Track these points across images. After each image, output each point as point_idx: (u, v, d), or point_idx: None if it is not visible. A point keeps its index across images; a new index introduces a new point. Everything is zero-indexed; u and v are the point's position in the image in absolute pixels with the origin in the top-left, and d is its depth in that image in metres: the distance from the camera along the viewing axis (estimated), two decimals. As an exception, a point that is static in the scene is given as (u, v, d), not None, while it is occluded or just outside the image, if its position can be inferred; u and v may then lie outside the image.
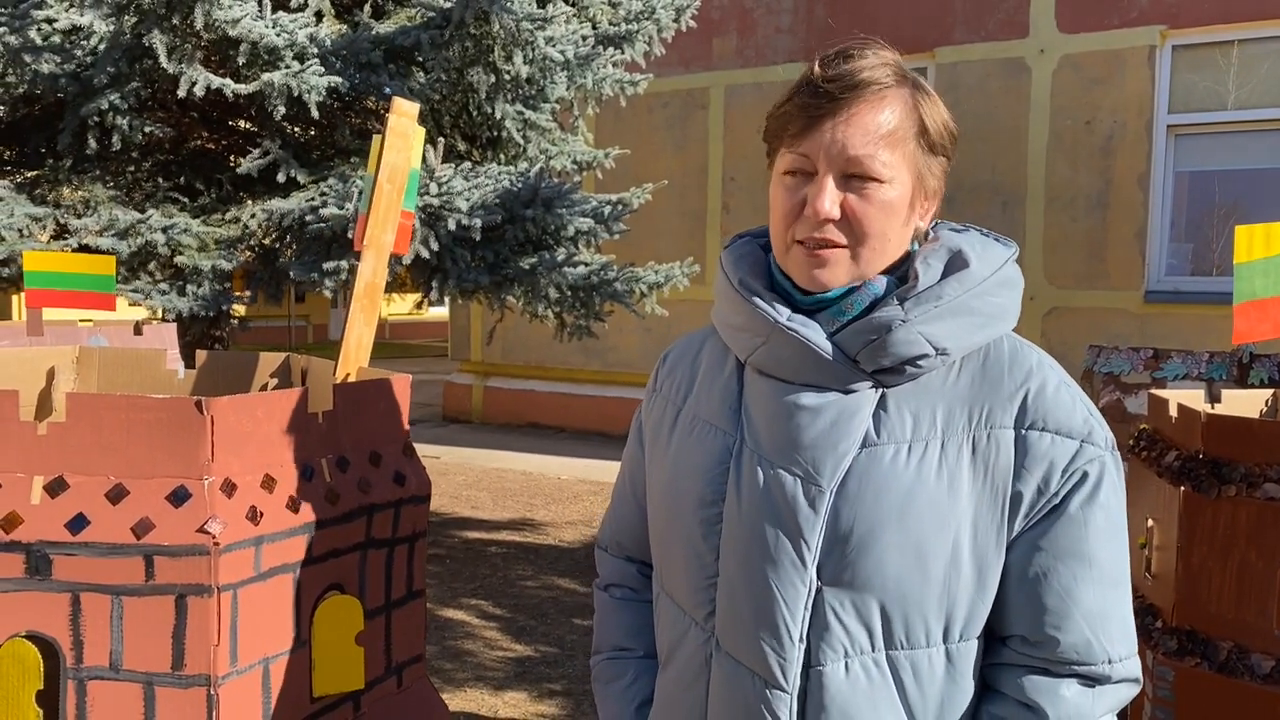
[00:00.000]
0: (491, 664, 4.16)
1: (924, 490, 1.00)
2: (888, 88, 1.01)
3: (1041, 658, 1.02)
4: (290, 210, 4.67)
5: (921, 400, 1.04)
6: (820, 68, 1.03)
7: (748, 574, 1.05)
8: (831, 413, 1.04)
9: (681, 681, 1.14)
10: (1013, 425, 1.02)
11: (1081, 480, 1.01)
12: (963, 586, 1.01)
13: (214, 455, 1.28)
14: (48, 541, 1.24)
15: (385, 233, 1.81)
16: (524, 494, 7.48)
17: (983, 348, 1.06)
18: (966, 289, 1.03)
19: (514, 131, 5.53)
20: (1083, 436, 1.02)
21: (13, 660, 1.24)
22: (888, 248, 1.04)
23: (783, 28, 9.29)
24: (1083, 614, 1.00)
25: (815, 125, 1.01)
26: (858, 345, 1.03)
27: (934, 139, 1.04)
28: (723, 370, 1.15)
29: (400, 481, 1.59)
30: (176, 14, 4.24)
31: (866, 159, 1.00)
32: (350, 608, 1.46)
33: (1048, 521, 1.02)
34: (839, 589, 1.01)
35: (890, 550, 1.00)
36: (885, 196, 1.02)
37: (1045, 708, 1.01)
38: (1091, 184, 7.99)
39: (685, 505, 1.12)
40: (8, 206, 4.37)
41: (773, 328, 1.05)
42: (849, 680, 1.02)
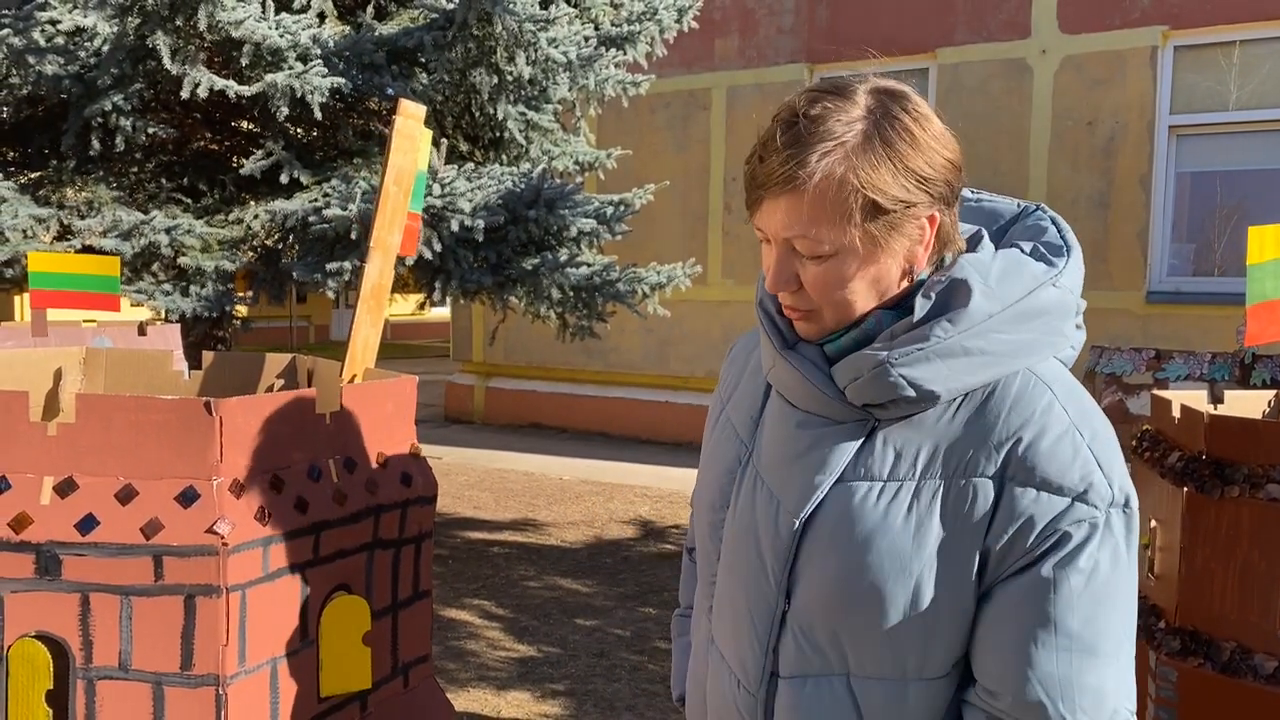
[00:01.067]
0: (494, 664, 4.17)
1: (887, 535, 0.98)
2: (814, 173, 0.95)
3: (1000, 709, 0.99)
4: (293, 211, 4.68)
5: (910, 438, 1.01)
6: (761, 143, 1.00)
7: (731, 582, 1.12)
8: (817, 442, 1.04)
9: (697, 655, 1.23)
10: (997, 475, 0.97)
11: (1061, 541, 0.95)
12: (924, 630, 0.99)
13: (223, 456, 1.29)
14: (57, 542, 1.25)
15: (391, 234, 1.82)
16: (526, 494, 7.48)
17: (990, 385, 1.00)
18: (961, 329, 0.97)
19: (516, 132, 5.54)
20: (1075, 494, 0.95)
21: (22, 660, 1.25)
22: (855, 303, 1.01)
23: (784, 28, 9.29)
24: (1039, 679, 0.95)
25: (758, 204, 1.01)
26: (846, 380, 1.02)
27: (886, 204, 0.96)
28: (757, 379, 1.18)
29: (407, 482, 1.60)
30: (180, 15, 4.25)
31: (799, 240, 0.98)
32: (357, 608, 1.47)
33: (1018, 579, 0.97)
34: (803, 612, 1.04)
35: (848, 586, 1.00)
36: (833, 268, 0.99)
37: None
38: (1093, 185, 8.00)
39: (702, 505, 1.19)
40: (11, 207, 4.38)
41: (775, 353, 1.07)
42: (806, 695, 1.04)
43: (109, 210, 4.57)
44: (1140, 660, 2.28)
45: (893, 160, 0.96)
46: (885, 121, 0.96)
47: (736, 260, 9.46)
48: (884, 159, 0.95)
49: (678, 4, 6.14)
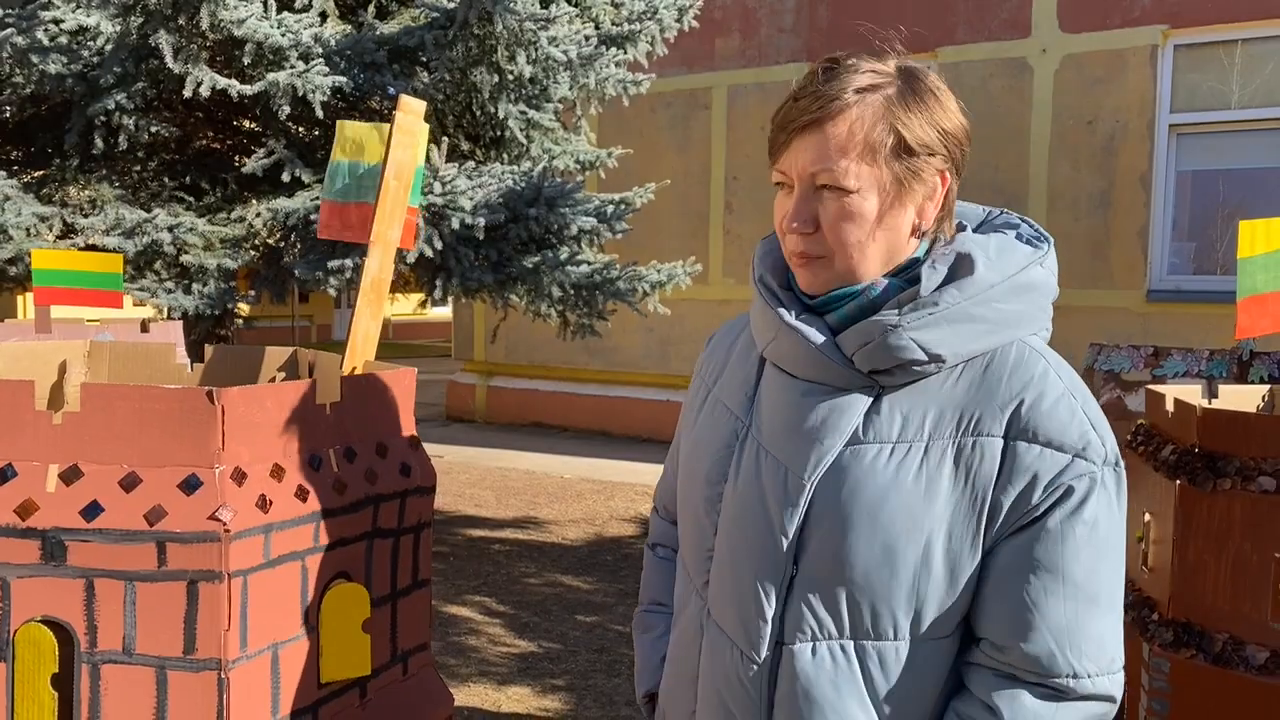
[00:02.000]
0: (495, 659, 4.19)
1: (899, 492, 1.03)
2: (851, 105, 1.02)
3: (1006, 663, 1.04)
4: (295, 209, 4.70)
5: (915, 402, 1.06)
6: (797, 88, 1.07)
7: (733, 553, 1.12)
8: (825, 409, 1.07)
9: (683, 641, 1.22)
10: (1002, 434, 1.03)
11: (1066, 495, 1.01)
12: (933, 587, 1.04)
13: (224, 444, 1.31)
14: (63, 528, 1.27)
15: (391, 229, 1.84)
16: (528, 492, 7.50)
17: (988, 353, 1.07)
18: (967, 296, 1.04)
19: (517, 131, 5.56)
20: (1075, 451, 1.01)
21: (28, 644, 1.27)
22: (867, 254, 1.05)
23: (785, 28, 9.31)
24: (1049, 627, 1.01)
25: (788, 143, 1.06)
26: (854, 347, 1.05)
27: (914, 146, 1.04)
28: (748, 358, 1.20)
29: (406, 473, 1.62)
30: (182, 14, 4.27)
31: (826, 172, 1.03)
32: (357, 595, 1.49)
33: (1026, 533, 1.02)
34: (812, 576, 1.06)
35: (860, 546, 1.03)
36: (853, 206, 1.03)
37: (1003, 710, 1.02)
38: (1094, 183, 8.01)
39: (696, 481, 1.19)
40: (15, 205, 4.41)
41: (780, 325, 1.09)
42: (815, 661, 1.06)
43: (112, 208, 4.59)
44: (1134, 652, 2.30)
45: (921, 110, 1.04)
46: (915, 81, 1.06)
47: (737, 259, 9.48)
48: (914, 107, 1.04)
49: (678, 3, 6.16)
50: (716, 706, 1.14)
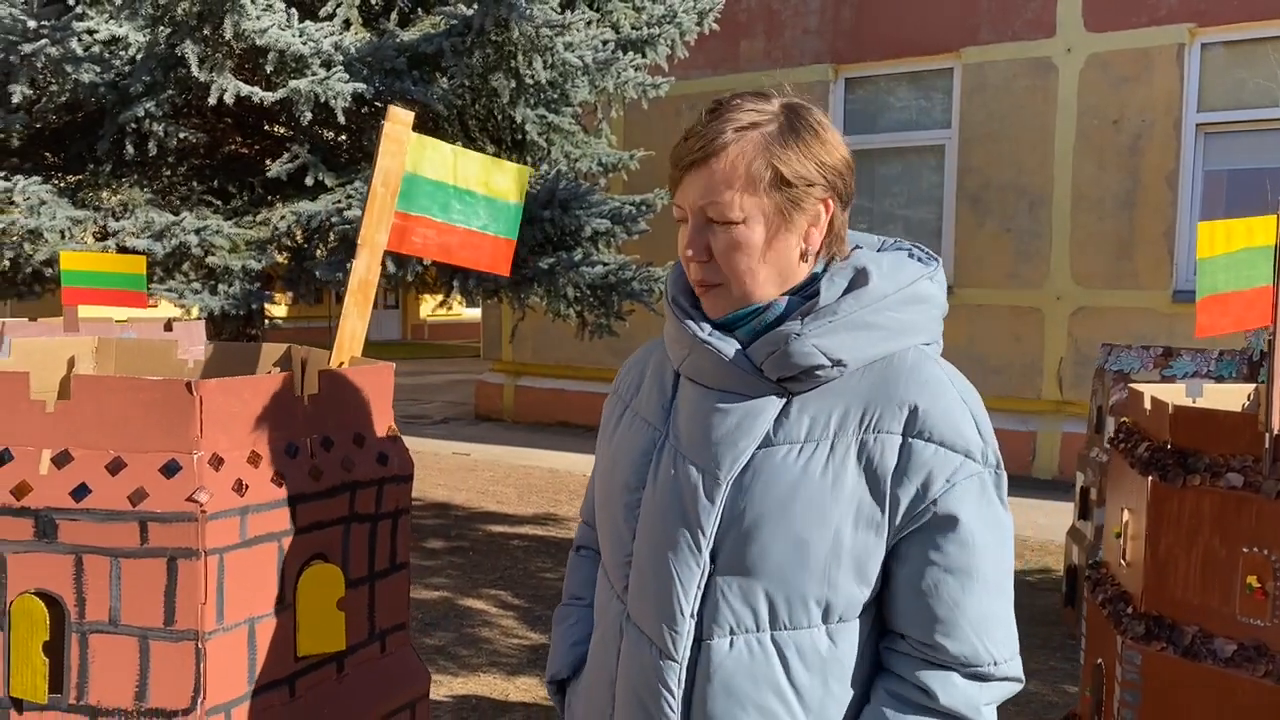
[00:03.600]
0: (506, 651, 4.29)
1: (807, 487, 1.10)
2: (730, 143, 1.10)
3: (934, 656, 1.12)
4: (317, 212, 4.84)
5: (822, 404, 1.13)
6: (687, 129, 1.15)
7: (652, 554, 1.18)
8: (738, 415, 1.15)
9: (602, 644, 1.28)
10: (900, 432, 1.10)
11: (961, 493, 1.09)
12: (842, 575, 1.11)
13: (203, 432, 1.41)
14: (54, 508, 1.38)
15: (378, 232, 1.93)
16: (549, 490, 7.61)
17: (887, 356, 1.14)
18: (863, 305, 1.12)
19: (536, 135, 5.66)
20: (965, 452, 1.10)
21: (22, 614, 1.38)
22: (759, 278, 1.14)
23: (810, 29, 9.34)
24: (969, 623, 1.10)
25: (680, 180, 1.15)
26: (762, 356, 1.13)
27: (791, 177, 1.11)
28: (663, 374, 1.28)
29: (383, 461, 1.72)
30: (207, 25, 4.43)
31: (713, 205, 1.12)
32: (332, 575, 1.59)
33: (932, 533, 1.10)
34: (728, 573, 1.13)
35: (774, 539, 1.11)
36: (740, 235, 1.12)
37: (937, 693, 1.11)
38: (1119, 183, 7.95)
39: (615, 490, 1.26)
40: (50, 209, 4.59)
41: (694, 341, 1.17)
42: (733, 655, 1.13)
43: (142, 212, 4.76)
44: (1108, 644, 2.34)
45: (799, 146, 1.12)
46: (794, 118, 1.13)
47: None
48: (791, 143, 1.12)
49: (698, 7, 6.22)
50: (634, 708, 1.19)
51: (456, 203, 2.04)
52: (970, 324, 8.15)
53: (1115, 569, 2.47)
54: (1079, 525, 4.75)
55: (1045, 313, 8.14)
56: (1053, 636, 4.49)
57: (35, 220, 4.50)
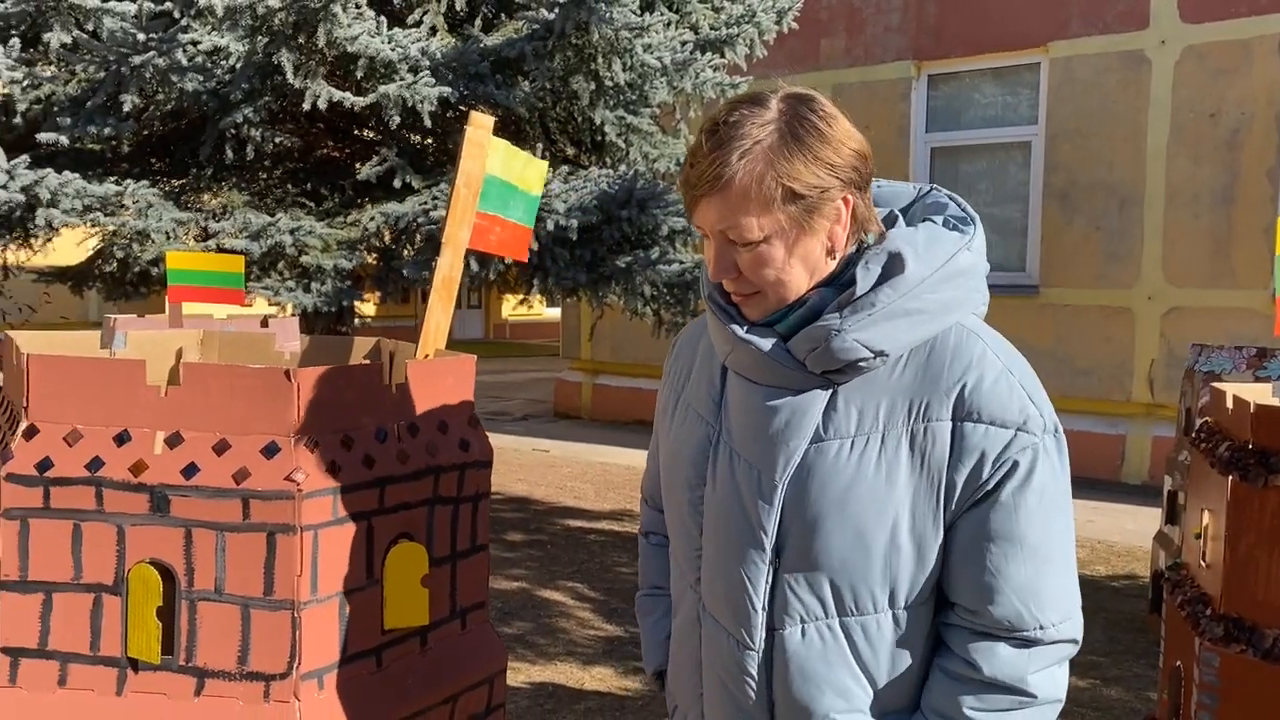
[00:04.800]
0: (583, 641, 4.39)
1: (863, 482, 1.12)
2: (736, 172, 1.08)
3: (980, 623, 1.15)
4: (404, 213, 5.02)
5: (868, 395, 1.15)
6: (690, 152, 1.15)
7: (720, 553, 1.22)
8: (786, 412, 1.16)
9: (683, 631, 1.32)
10: (949, 417, 1.12)
11: (1013, 468, 1.10)
12: (903, 563, 1.14)
13: (300, 416, 1.52)
14: (167, 485, 1.50)
15: (460, 231, 2.03)
16: (626, 487, 7.70)
17: (929, 340, 1.15)
18: (901, 293, 1.11)
19: (614, 136, 5.75)
20: (1017, 425, 1.10)
21: (139, 581, 1.51)
22: (790, 283, 1.14)
23: (892, 26, 9.24)
24: (1013, 589, 1.12)
25: (694, 206, 1.15)
26: (804, 352, 1.15)
27: (802, 190, 1.09)
28: (710, 365, 1.29)
29: (465, 447, 1.81)
30: (302, 33, 4.63)
31: (732, 230, 1.12)
32: (417, 554, 1.68)
33: (983, 506, 1.12)
34: (794, 568, 1.17)
35: (834, 535, 1.14)
36: (762, 253, 1.12)
37: (982, 664, 1.14)
38: (1216, 179, 7.68)
39: (677, 486, 1.28)
40: (157, 212, 4.85)
41: (734, 338, 1.19)
42: (805, 642, 1.17)
43: (240, 214, 5.00)
44: (1187, 646, 2.30)
45: (804, 153, 1.09)
46: (795, 121, 1.10)
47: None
48: (796, 152, 1.09)
49: (777, 6, 6.23)
50: (720, 690, 1.24)
51: (511, 199, 2.13)
52: (1057, 324, 7.96)
53: (1195, 570, 2.43)
54: (1166, 530, 4.63)
55: (1136, 313, 7.91)
56: (1137, 643, 4.39)
57: (143, 222, 4.77)
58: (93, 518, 1.51)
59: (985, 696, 1.13)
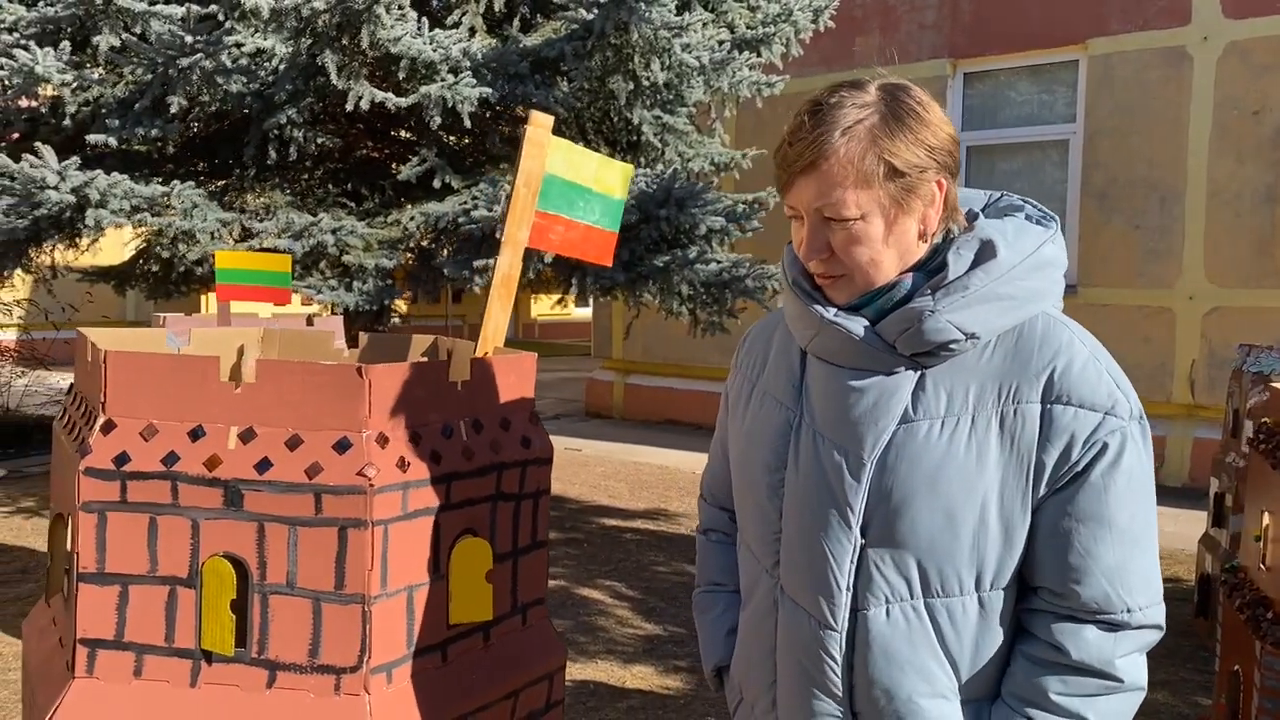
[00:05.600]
0: (622, 640, 4.39)
1: (954, 461, 1.13)
2: (839, 146, 1.11)
3: (1066, 606, 1.15)
4: (445, 213, 5.05)
5: (956, 378, 1.16)
6: (789, 131, 1.16)
7: (804, 533, 1.22)
8: (874, 393, 1.17)
9: (756, 618, 1.32)
10: (1039, 400, 1.13)
11: (1103, 450, 1.12)
12: (990, 544, 1.15)
13: (371, 413, 1.54)
14: (241, 479, 1.52)
15: (520, 230, 2.04)
16: (660, 486, 7.71)
17: (1016, 326, 1.16)
18: (994, 278, 1.14)
19: (651, 136, 5.76)
20: (1106, 409, 1.12)
21: (213, 574, 1.53)
22: (882, 265, 1.16)
23: (927, 24, 9.18)
24: (1102, 570, 1.12)
25: (791, 182, 1.16)
26: (895, 334, 1.16)
27: (903, 167, 1.12)
28: (789, 352, 1.30)
29: (526, 445, 1.82)
30: (346, 35, 4.67)
31: (830, 206, 1.13)
32: (481, 549, 1.70)
33: (1071, 488, 1.13)
34: (880, 546, 1.16)
35: (923, 514, 1.14)
36: (859, 231, 1.14)
37: (1069, 648, 1.14)
38: (1260, 177, 7.56)
39: (755, 470, 1.29)
40: (202, 212, 4.92)
41: (822, 321, 1.20)
42: (889, 623, 1.17)
43: (283, 213, 5.05)
44: (1246, 650, 2.27)
45: (904, 133, 1.13)
46: (895, 104, 1.14)
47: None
48: (897, 131, 1.13)
49: (813, 5, 6.21)
50: (798, 675, 1.24)
51: (579, 200, 2.13)
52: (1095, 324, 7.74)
53: (1254, 573, 2.40)
54: (1213, 533, 4.56)
55: (1177, 313, 7.81)
56: (1182, 647, 4.33)
57: (189, 222, 4.83)
58: (168, 511, 1.53)
59: (1071, 681, 1.14)
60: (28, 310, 9.83)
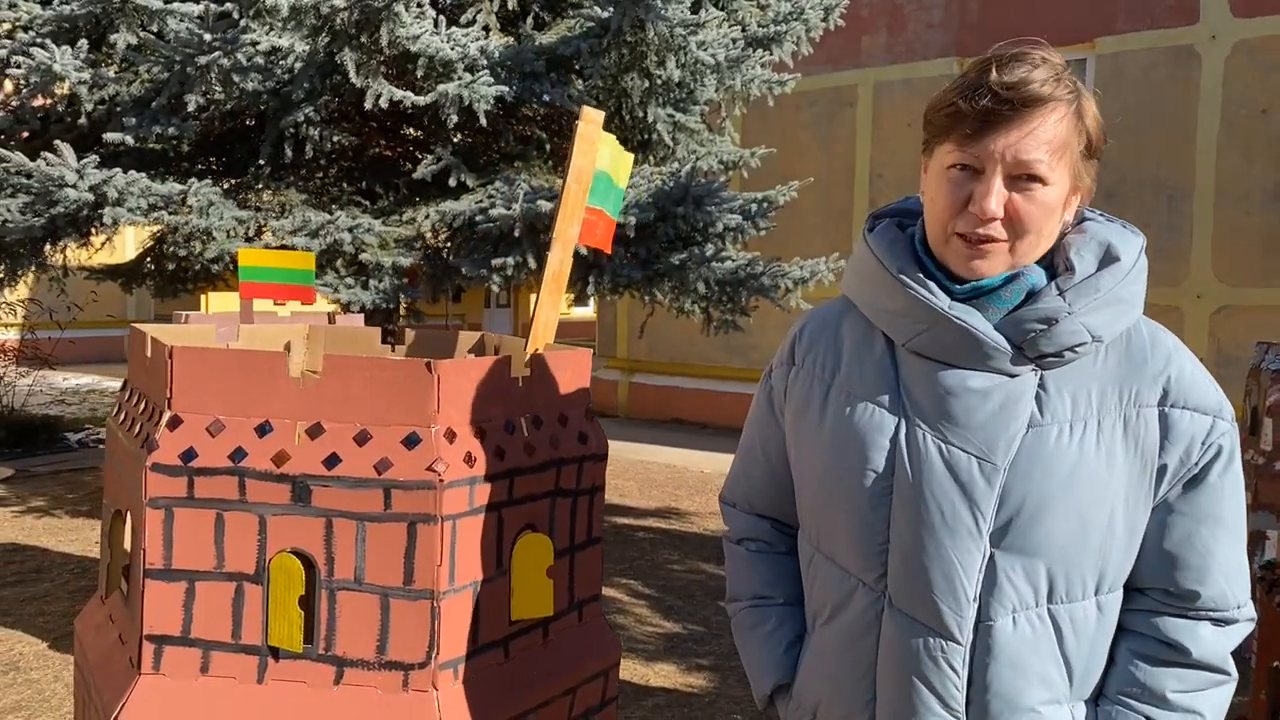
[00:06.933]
0: (643, 638, 4.39)
1: (1086, 466, 1.11)
2: (1060, 102, 1.08)
3: (1181, 605, 1.15)
4: (461, 211, 5.04)
5: (1078, 382, 1.14)
6: (997, 72, 1.08)
7: (925, 542, 1.14)
8: (1000, 395, 1.13)
9: (849, 635, 1.23)
10: (1157, 404, 1.13)
11: (1218, 453, 1.14)
12: (1115, 546, 1.14)
13: (439, 408, 1.53)
14: (309, 475, 1.52)
15: (570, 226, 2.03)
16: (669, 485, 7.71)
17: (1125, 331, 1.16)
18: (1118, 280, 1.13)
19: (664, 134, 5.75)
20: (1215, 413, 1.14)
21: (281, 570, 1.52)
22: (1041, 242, 1.13)
23: (934, 23, 9.19)
24: (1220, 569, 1.14)
25: (990, 130, 1.08)
26: (1023, 334, 1.12)
27: (1094, 145, 1.12)
28: (872, 348, 1.23)
29: (583, 440, 1.82)
30: (365, 33, 4.66)
31: (1036, 164, 1.08)
32: (543, 545, 1.69)
33: (1190, 490, 1.14)
34: (1010, 554, 1.12)
35: (1058, 520, 1.11)
36: (1047, 197, 1.10)
37: (1188, 646, 1.14)
38: (1268, 175, 7.59)
39: (852, 478, 1.19)
40: (218, 210, 4.90)
41: (936, 316, 1.13)
42: (1016, 632, 1.13)
43: (299, 212, 5.04)
44: None
45: (1091, 113, 1.13)
46: (1077, 82, 1.12)
47: (881, 257, 9.41)
48: (1088, 109, 1.12)
49: (824, 3, 6.21)
50: (907, 692, 1.16)
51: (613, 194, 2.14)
52: (1102, 322, 7.87)
53: (1294, 568, 2.40)
54: (1231, 530, 4.56)
55: (1185, 311, 7.83)
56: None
57: (205, 220, 4.82)
58: (235, 507, 1.53)
59: (1186, 677, 1.15)
60: (29, 310, 9.80)
